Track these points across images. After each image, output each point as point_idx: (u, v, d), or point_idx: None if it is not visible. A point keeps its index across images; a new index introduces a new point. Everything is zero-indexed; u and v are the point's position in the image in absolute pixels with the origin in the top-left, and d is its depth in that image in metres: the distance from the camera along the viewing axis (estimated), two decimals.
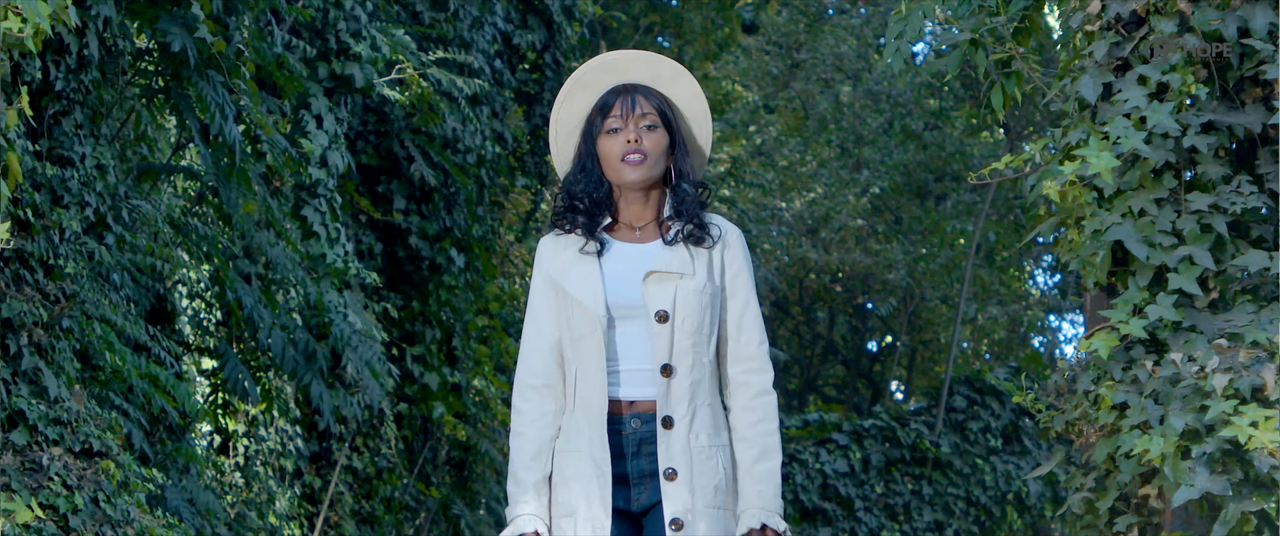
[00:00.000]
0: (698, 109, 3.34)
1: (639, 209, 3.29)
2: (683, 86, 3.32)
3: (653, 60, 3.31)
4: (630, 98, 3.26)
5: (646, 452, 3.20)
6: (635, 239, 3.28)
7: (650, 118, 3.25)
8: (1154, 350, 4.41)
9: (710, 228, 3.27)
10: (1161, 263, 4.36)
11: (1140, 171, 4.42)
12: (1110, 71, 4.56)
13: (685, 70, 3.32)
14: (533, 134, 12.14)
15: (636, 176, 3.23)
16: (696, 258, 3.23)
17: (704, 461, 3.18)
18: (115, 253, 6.12)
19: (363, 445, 9.94)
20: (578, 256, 3.24)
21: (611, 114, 3.25)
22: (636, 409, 3.21)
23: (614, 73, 3.30)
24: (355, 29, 9.52)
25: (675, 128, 3.29)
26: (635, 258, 3.25)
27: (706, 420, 3.22)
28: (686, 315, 3.18)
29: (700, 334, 3.20)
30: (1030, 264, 19.66)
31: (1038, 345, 20.80)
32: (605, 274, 3.23)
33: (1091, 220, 4.47)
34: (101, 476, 5.31)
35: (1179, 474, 4.05)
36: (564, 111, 3.32)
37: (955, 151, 16.66)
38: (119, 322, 6.14)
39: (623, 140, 3.23)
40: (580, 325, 3.20)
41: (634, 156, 3.22)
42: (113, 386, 6.26)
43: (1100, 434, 4.44)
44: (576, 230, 3.27)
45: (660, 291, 3.19)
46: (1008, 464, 15.33)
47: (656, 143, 3.24)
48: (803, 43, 17.73)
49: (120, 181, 6.10)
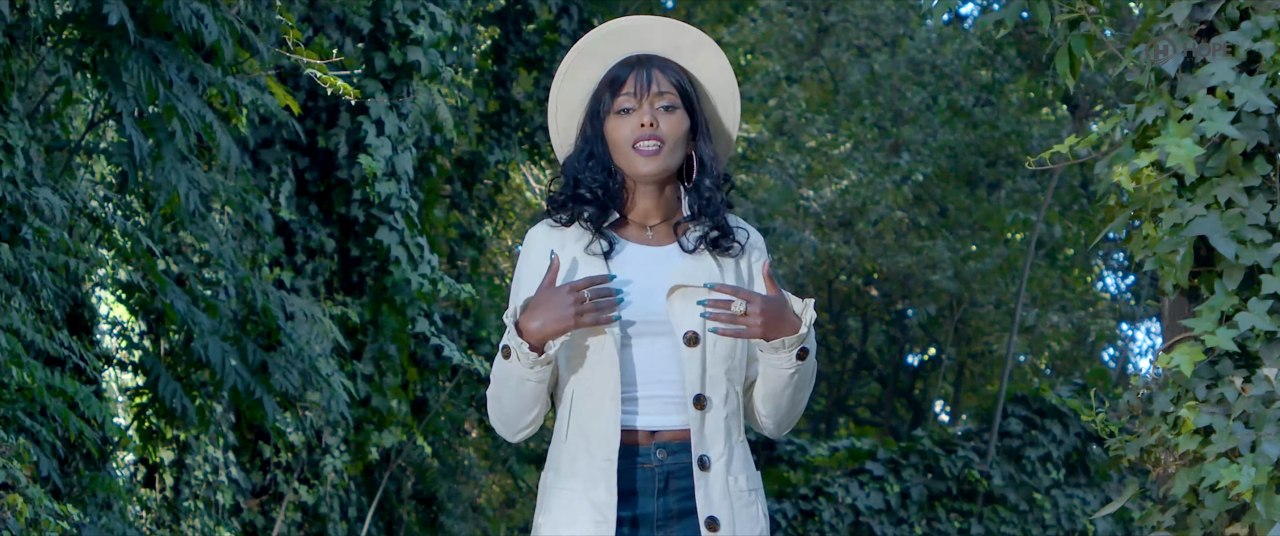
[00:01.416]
0: (724, 85, 3.29)
1: (651, 203, 3.25)
2: (707, 59, 3.27)
3: (673, 27, 3.26)
4: (646, 72, 3.20)
5: (675, 489, 3.15)
6: (647, 240, 3.24)
7: (669, 96, 3.19)
8: (1244, 365, 4.42)
9: (736, 232, 3.24)
10: (1253, 262, 4.36)
11: (1228, 156, 4.43)
12: (1192, 37, 4.57)
13: (711, 40, 3.27)
14: (540, 104, 12.26)
15: (651, 168, 3.18)
16: (724, 264, 3.20)
17: (745, 508, 3.16)
18: (29, 250, 6.13)
19: (312, 476, 9.96)
20: (583, 255, 3.18)
21: (623, 91, 3.19)
22: (661, 439, 3.16)
23: (626, 41, 3.24)
24: (412, 8, 9.53)
25: (697, 108, 3.24)
26: (653, 263, 3.20)
27: (742, 459, 3.20)
28: (719, 338, 3.13)
29: (733, 359, 3.17)
30: (1099, 263, 19.69)
31: (1107, 358, 20.84)
32: (618, 281, 3.17)
33: (1170, 212, 4.48)
34: (7, 513, 5.32)
35: (1273, 509, 4.06)
36: (567, 85, 3.26)
37: (1011, 131, 16.68)
38: (28, 332, 6.14)
39: (635, 123, 3.17)
40: (584, 341, 3.14)
41: (648, 144, 3.16)
42: (20, 406, 6.26)
43: (1181, 463, 4.45)
44: (579, 221, 3.21)
45: (688, 309, 3.14)
46: (1072, 498, 15.35)
47: (675, 127, 3.19)
48: (832, 3, 17.75)
49: (33, 165, 6.10)
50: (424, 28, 9.51)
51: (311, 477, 9.91)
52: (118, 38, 6.17)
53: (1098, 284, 20.44)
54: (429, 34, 9.52)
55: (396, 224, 9.51)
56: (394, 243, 9.49)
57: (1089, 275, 19.89)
